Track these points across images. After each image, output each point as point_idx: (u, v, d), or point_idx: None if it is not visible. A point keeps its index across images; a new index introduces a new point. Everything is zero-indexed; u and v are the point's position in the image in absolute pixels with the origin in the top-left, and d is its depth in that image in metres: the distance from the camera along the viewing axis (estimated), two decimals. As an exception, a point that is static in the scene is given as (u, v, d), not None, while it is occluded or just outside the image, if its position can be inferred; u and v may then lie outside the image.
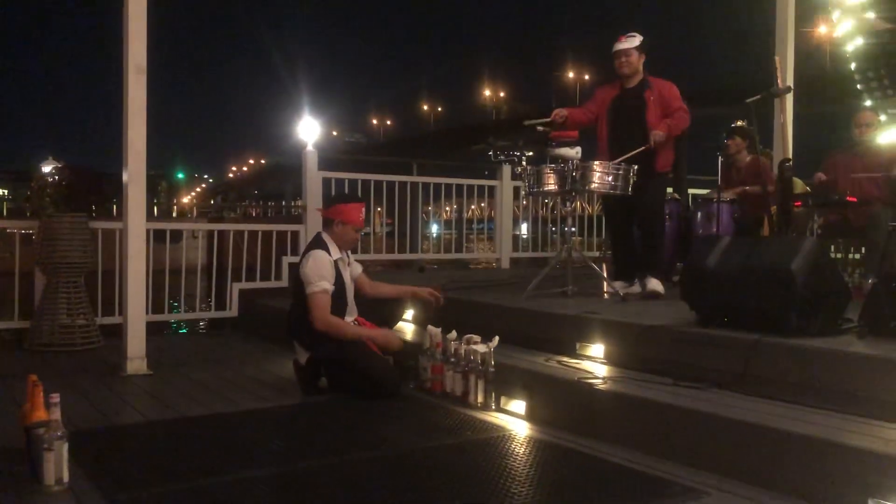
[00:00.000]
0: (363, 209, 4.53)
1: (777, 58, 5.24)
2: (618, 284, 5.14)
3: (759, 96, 4.75)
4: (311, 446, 3.28)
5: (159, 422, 3.66)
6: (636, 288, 5.15)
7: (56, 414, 2.65)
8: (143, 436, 3.47)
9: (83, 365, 5.02)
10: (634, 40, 5.13)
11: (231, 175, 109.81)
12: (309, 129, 7.21)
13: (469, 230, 9.05)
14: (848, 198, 5.21)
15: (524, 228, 9.57)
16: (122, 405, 4.02)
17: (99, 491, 2.64)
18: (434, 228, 10.90)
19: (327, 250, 4.26)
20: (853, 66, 4.87)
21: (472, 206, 13.24)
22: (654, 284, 5.00)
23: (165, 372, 4.79)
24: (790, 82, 5.53)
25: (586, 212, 9.27)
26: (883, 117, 5.25)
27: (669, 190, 5.95)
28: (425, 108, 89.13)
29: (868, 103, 5.09)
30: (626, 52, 5.11)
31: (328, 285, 4.17)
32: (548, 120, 5.10)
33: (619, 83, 5.24)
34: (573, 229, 5.75)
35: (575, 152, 4.78)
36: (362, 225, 4.50)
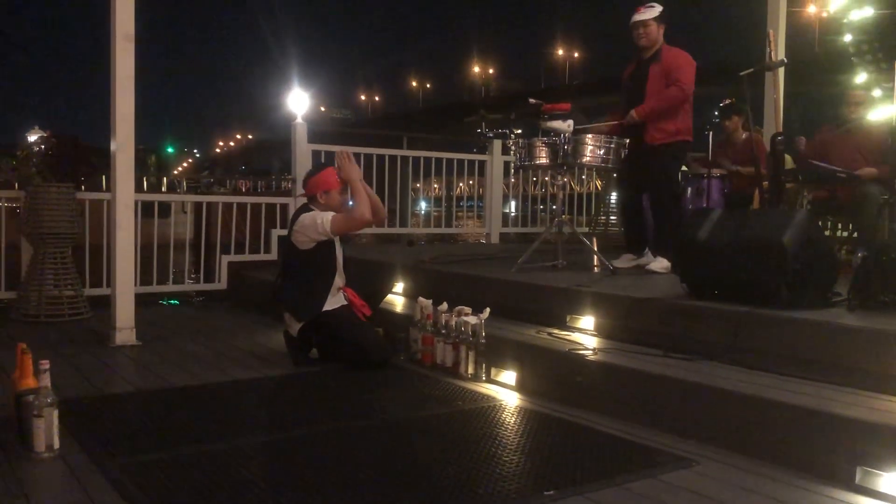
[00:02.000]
0: (328, 172, 4.39)
1: (770, 31, 5.20)
2: (626, 256, 5.13)
3: (752, 69, 4.73)
4: (302, 415, 3.28)
5: (149, 391, 3.65)
6: (645, 260, 5.12)
7: (46, 381, 2.64)
8: (133, 405, 3.45)
9: (71, 335, 5.00)
10: (654, 11, 4.97)
11: (218, 150, 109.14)
12: (298, 102, 7.15)
13: (458, 207, 9.02)
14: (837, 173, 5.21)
15: (513, 206, 9.57)
16: (111, 375, 4.01)
17: (89, 458, 2.63)
18: (423, 205, 10.88)
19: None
20: (848, 37, 4.84)
21: (461, 184, 13.21)
22: (656, 264, 4.94)
23: (154, 343, 4.77)
24: (783, 56, 5.51)
25: (576, 190, 9.28)
26: (877, 92, 5.24)
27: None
28: (414, 84, 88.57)
29: (861, 78, 5.07)
30: (644, 23, 4.97)
31: (328, 214, 4.19)
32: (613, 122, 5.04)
33: (638, 56, 5.16)
34: (563, 205, 5.74)
35: (567, 125, 4.75)
36: (340, 184, 4.37)
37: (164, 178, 14.28)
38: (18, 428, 2.75)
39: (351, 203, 4.35)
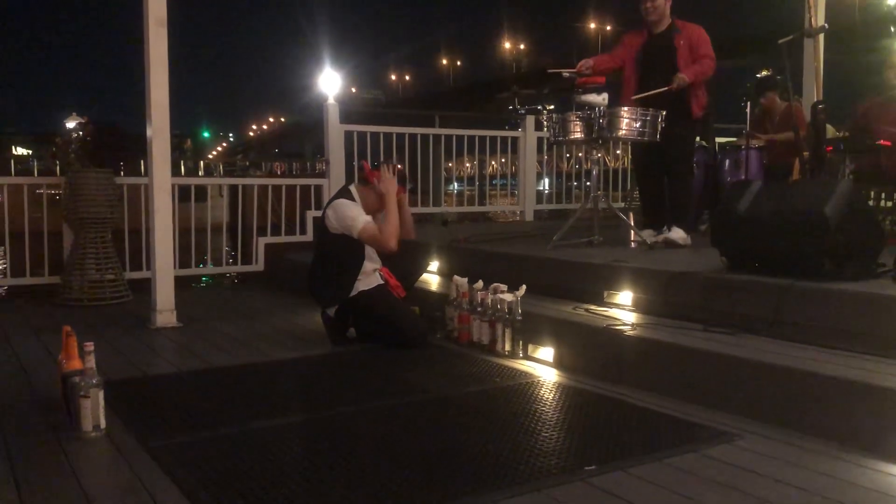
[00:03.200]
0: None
1: (810, -4, 5.07)
2: (646, 233, 5.09)
3: (791, 37, 4.62)
4: (341, 394, 3.31)
5: (190, 372, 3.71)
6: (664, 236, 5.10)
7: (91, 362, 2.69)
8: (176, 385, 3.51)
9: (113, 318, 5.09)
10: None
11: (252, 133, 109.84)
12: (330, 82, 7.17)
13: (491, 185, 8.98)
14: (881, 142, 5.08)
15: (546, 183, 9.50)
16: (153, 356, 4.08)
17: (135, 437, 2.68)
18: (455, 185, 10.83)
19: (350, 199, 4.24)
20: (893, 1, 4.70)
21: (494, 162, 13.13)
22: (675, 234, 4.93)
23: (194, 324, 4.84)
24: (822, 22, 5.38)
25: (610, 165, 9.18)
26: None
27: (696, 139, 5.84)
28: (444, 62, 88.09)
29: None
30: None
31: (365, 216, 4.15)
32: (573, 71, 4.99)
33: (646, 29, 5.11)
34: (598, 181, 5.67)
35: (602, 98, 4.70)
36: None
37: (202, 163, 14.43)
38: (66, 408, 2.81)
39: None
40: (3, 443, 2.64)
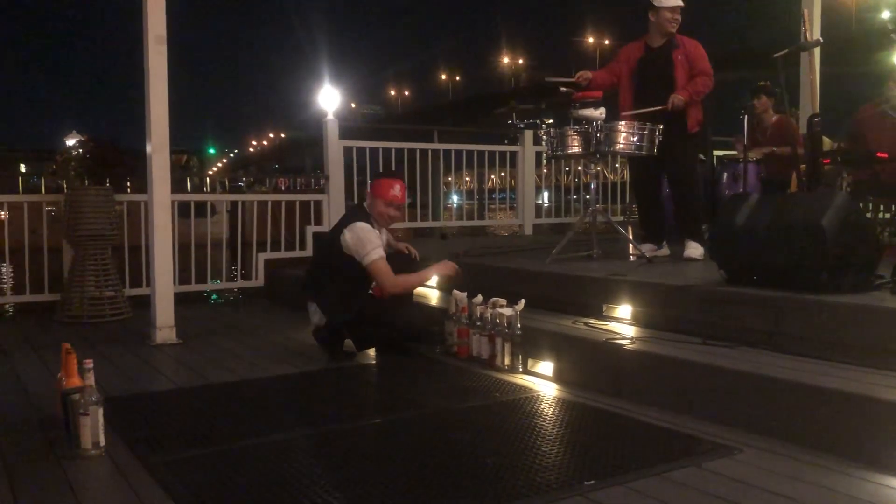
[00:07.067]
0: (394, 185, 4.35)
1: (805, 10, 5.11)
2: (646, 247, 5.09)
3: (786, 50, 4.65)
4: (340, 409, 3.30)
5: (190, 388, 3.70)
6: (664, 251, 5.10)
7: (90, 379, 2.69)
8: (175, 402, 3.51)
9: (113, 335, 5.09)
10: None
11: (252, 150, 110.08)
12: (329, 98, 7.20)
13: (490, 199, 9.00)
14: (878, 154, 5.10)
15: (545, 197, 9.52)
16: (153, 373, 4.08)
17: (134, 455, 2.68)
18: (455, 199, 10.86)
19: (367, 221, 4.26)
20: (886, 14, 4.74)
21: (493, 176, 13.16)
22: (692, 250, 4.91)
23: (194, 341, 4.84)
24: (818, 36, 5.41)
25: (609, 179, 9.20)
26: None
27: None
28: (443, 77, 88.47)
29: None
30: (681, 9, 4.95)
31: (381, 250, 4.18)
32: (571, 80, 5.01)
33: (643, 42, 5.11)
34: (597, 194, 5.69)
35: (599, 113, 4.71)
36: (390, 198, 4.32)
37: (207, 179, 14.44)
38: (66, 426, 2.81)
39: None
40: (2, 460, 2.63)
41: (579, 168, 8.96)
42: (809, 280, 3.31)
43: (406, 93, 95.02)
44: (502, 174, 12.28)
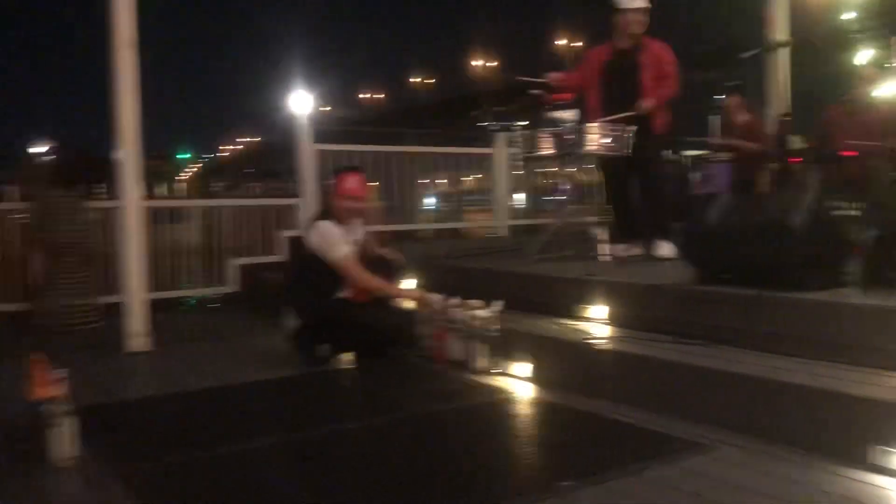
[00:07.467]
0: (350, 177, 4.36)
1: (770, 11, 5.17)
2: (620, 247, 5.12)
3: (755, 51, 4.71)
4: (316, 415, 3.29)
5: (164, 396, 3.67)
6: (637, 250, 5.13)
7: (62, 390, 2.65)
8: (148, 410, 3.47)
9: (85, 343, 5.02)
10: None
11: (225, 153, 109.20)
12: (301, 102, 7.16)
13: (466, 201, 9.01)
14: (844, 153, 5.19)
15: (520, 198, 9.53)
16: (126, 381, 4.03)
17: (107, 465, 2.65)
18: (430, 201, 10.85)
19: (330, 219, 4.25)
20: (853, 14, 4.82)
21: (468, 178, 13.17)
22: (665, 249, 4.94)
23: (169, 348, 4.79)
24: (786, 37, 5.48)
25: (583, 180, 9.23)
26: (894, 63, 5.21)
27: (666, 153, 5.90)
28: (416, 80, 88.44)
29: (866, 55, 5.05)
30: (645, 10, 4.96)
31: (346, 247, 4.17)
32: (542, 81, 5.02)
33: (610, 45, 5.14)
34: (570, 196, 5.72)
35: (572, 114, 4.74)
36: (348, 192, 4.31)
37: (184, 184, 14.38)
38: (37, 437, 2.77)
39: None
40: (-27, 474, 2.59)
41: (553, 169, 9.00)
42: (780, 278, 3.35)
43: (380, 95, 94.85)
44: (479, 176, 12.32)
